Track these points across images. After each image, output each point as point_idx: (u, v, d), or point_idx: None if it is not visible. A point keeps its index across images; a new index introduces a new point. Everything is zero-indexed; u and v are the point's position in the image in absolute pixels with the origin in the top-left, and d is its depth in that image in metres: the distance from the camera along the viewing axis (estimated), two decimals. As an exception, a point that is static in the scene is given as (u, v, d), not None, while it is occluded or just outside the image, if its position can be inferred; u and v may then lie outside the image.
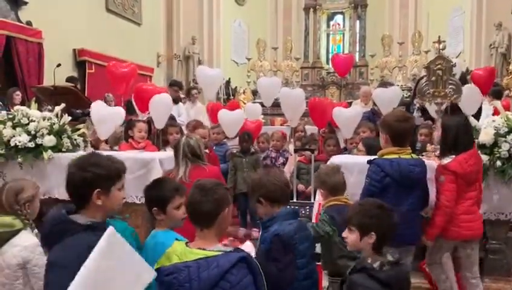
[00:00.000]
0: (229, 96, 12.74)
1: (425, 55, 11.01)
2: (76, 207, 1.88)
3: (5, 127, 3.95)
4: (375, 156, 3.01)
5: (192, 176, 3.21)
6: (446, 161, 2.94)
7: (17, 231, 2.43)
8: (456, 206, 2.92)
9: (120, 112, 4.57)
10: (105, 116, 4.50)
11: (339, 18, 14.32)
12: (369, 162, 2.98)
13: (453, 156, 2.92)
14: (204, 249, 1.79)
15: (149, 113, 5.24)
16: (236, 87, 13.54)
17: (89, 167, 1.87)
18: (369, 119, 5.62)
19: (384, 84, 7.59)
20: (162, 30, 13.04)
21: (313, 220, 3.33)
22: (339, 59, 9.74)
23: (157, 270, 1.78)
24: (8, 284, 2.39)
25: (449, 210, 2.89)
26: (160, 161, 3.71)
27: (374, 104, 6.24)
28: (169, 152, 4.28)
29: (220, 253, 1.77)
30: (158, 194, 2.35)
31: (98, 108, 4.54)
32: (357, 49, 13.12)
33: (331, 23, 14.45)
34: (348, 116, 5.31)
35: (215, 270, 1.71)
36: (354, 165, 3.38)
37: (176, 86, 8.09)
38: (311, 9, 13.30)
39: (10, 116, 4.06)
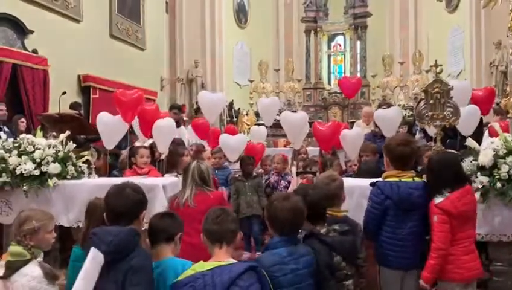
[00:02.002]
0: (232, 118, 12.86)
1: (426, 75, 11.13)
2: (125, 224, 2.25)
3: (10, 156, 4.00)
4: (378, 179, 3.04)
5: (196, 200, 3.26)
6: (438, 199, 2.79)
7: (28, 261, 2.45)
8: (454, 247, 2.78)
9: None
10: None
11: (339, 39, 14.51)
12: (371, 184, 3.01)
13: (446, 194, 2.77)
14: (219, 261, 2.07)
15: (149, 138, 5.28)
16: (239, 108, 13.67)
17: (140, 190, 2.38)
18: (370, 141, 5.63)
19: (382, 106, 7.62)
20: (166, 54, 13.25)
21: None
22: (347, 82, 9.79)
23: (172, 285, 2.08)
24: (15, 313, 2.40)
25: (443, 252, 2.74)
26: (163, 187, 3.75)
27: (376, 125, 6.26)
28: (172, 178, 4.32)
29: (234, 262, 2.08)
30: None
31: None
32: (358, 69, 13.25)
33: (332, 44, 14.63)
34: (352, 138, 5.36)
35: (227, 275, 1.96)
36: (354, 188, 3.41)
37: (176, 109, 8.17)
38: (312, 32, 13.50)
39: (16, 144, 4.12)
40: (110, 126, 4.85)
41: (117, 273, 2.10)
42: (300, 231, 2.49)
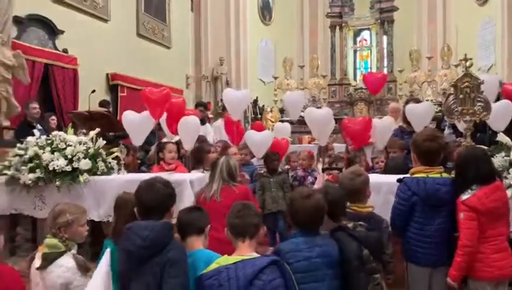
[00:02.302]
0: (256, 115, 12.88)
1: (455, 69, 10.84)
2: (157, 218, 2.30)
3: (44, 152, 4.15)
4: (405, 175, 3.01)
5: (222, 195, 3.31)
6: (465, 196, 2.72)
7: (62, 253, 2.55)
8: (484, 245, 2.71)
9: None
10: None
11: (365, 34, 14.27)
12: (398, 180, 2.99)
13: (474, 190, 2.70)
14: (242, 255, 2.11)
15: (175, 135, 5.35)
16: (263, 105, 13.67)
17: (169, 185, 2.44)
18: (397, 136, 5.55)
19: (409, 101, 7.43)
20: (191, 52, 13.38)
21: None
22: (371, 78, 9.63)
23: (198, 278, 2.13)
24: (51, 303, 2.49)
25: (470, 249, 2.68)
26: (191, 182, 3.81)
27: (405, 120, 6.10)
28: (199, 173, 4.38)
29: (256, 256, 2.11)
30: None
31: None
32: (385, 64, 13.02)
33: (358, 39, 14.40)
34: (381, 128, 5.31)
35: (250, 269, 2.01)
36: (381, 185, 3.38)
37: (202, 106, 8.25)
38: (337, 27, 13.34)
39: (49, 141, 4.26)
40: (135, 124, 4.94)
41: (154, 266, 2.16)
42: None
